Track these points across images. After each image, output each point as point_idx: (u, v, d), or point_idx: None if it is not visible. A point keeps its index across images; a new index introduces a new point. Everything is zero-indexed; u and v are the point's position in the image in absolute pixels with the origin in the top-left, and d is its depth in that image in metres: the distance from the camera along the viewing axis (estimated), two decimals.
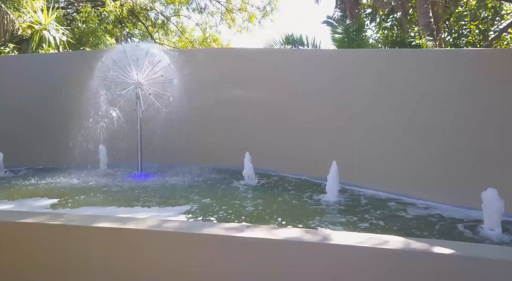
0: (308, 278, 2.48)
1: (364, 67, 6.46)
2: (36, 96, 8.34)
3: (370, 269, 2.38)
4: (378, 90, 6.16)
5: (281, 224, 4.31)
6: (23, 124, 8.28)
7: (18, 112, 8.24)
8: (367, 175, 6.10)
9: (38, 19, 11.54)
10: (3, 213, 3.28)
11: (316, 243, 2.50)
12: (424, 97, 5.59)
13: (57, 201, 5.26)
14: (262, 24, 21.51)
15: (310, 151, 7.04)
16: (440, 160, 5.33)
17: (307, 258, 2.53)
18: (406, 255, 2.31)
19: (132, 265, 2.81)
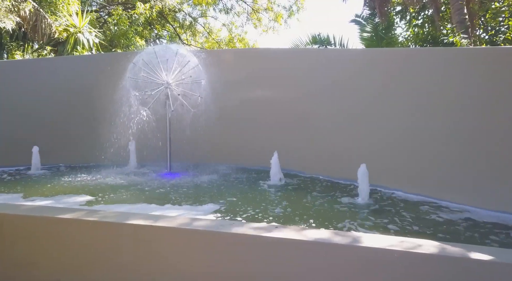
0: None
1: (393, 67, 6.31)
2: (71, 96, 8.69)
3: (402, 273, 2.33)
4: (409, 90, 6.00)
5: (309, 225, 4.29)
6: (59, 123, 8.64)
7: (54, 112, 8.61)
8: (398, 176, 5.96)
9: (73, 22, 12.01)
10: (42, 208, 3.44)
11: (346, 245, 2.47)
12: (458, 97, 5.39)
13: (91, 198, 5.46)
14: (288, 23, 21.47)
15: (338, 152, 6.95)
16: (474, 162, 5.13)
17: (336, 260, 2.51)
18: (441, 260, 2.25)
19: (162, 262, 2.88)
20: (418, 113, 5.83)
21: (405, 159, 5.94)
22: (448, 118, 5.45)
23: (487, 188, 4.96)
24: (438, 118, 5.58)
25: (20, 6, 10.53)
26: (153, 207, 4.94)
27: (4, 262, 3.12)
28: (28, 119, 8.46)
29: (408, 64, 6.13)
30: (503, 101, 4.96)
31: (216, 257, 2.79)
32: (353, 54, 7.82)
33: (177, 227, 2.86)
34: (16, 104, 8.46)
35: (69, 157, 8.57)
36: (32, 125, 8.46)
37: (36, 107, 8.54)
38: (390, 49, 8.76)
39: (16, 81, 8.58)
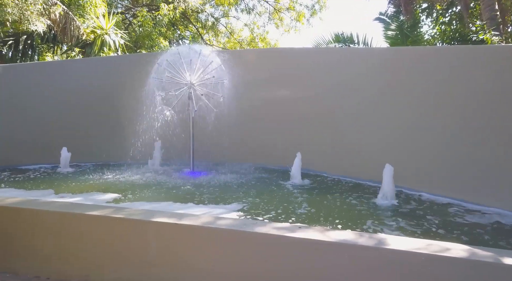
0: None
1: (420, 66, 6.16)
2: (99, 97, 8.94)
3: (429, 277, 2.28)
4: (436, 89, 5.84)
5: (333, 225, 4.26)
6: (87, 123, 8.91)
7: (82, 112, 8.88)
8: (424, 177, 5.82)
9: (100, 24, 12.35)
10: (72, 205, 3.57)
11: (370, 247, 2.45)
12: (489, 96, 5.21)
13: (117, 196, 5.61)
14: (310, 23, 21.31)
15: (361, 152, 6.85)
16: (504, 163, 4.94)
17: (360, 261, 2.48)
18: (470, 264, 2.18)
19: (185, 260, 2.94)
20: (446, 113, 5.67)
21: (431, 159, 5.79)
22: (479, 118, 5.27)
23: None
24: (467, 118, 5.41)
25: (50, 9, 10.93)
26: (177, 206, 5.03)
27: (37, 256, 3.26)
28: (58, 119, 8.77)
29: (435, 63, 5.96)
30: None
31: (238, 256, 2.81)
32: (378, 53, 7.68)
33: (200, 226, 2.90)
34: (46, 104, 8.78)
35: (95, 155, 8.83)
36: (62, 124, 8.75)
37: (65, 108, 8.84)
38: (416, 48, 8.55)
39: (47, 82, 8.91)
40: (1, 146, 8.30)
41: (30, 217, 3.33)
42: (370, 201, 5.34)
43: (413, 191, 5.82)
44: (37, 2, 9.91)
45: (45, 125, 8.70)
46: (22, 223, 3.37)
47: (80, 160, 8.60)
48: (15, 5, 9.68)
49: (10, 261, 3.30)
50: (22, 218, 3.36)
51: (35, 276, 3.11)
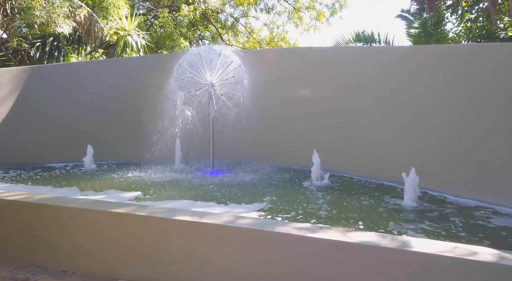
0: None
1: (443, 64, 6.00)
2: (121, 96, 9.14)
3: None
4: (461, 88, 5.68)
5: (354, 226, 4.21)
6: (109, 122, 9.12)
7: (106, 111, 9.10)
8: (449, 179, 5.67)
9: (123, 25, 12.61)
10: (97, 202, 3.66)
11: (394, 249, 2.41)
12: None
13: (139, 194, 5.72)
14: (330, 22, 21.10)
15: (382, 153, 6.74)
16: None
17: (383, 264, 2.44)
18: (499, 269, 2.12)
19: (208, 257, 2.96)
20: (472, 113, 5.50)
21: (456, 160, 5.64)
22: (506, 118, 5.10)
23: None
24: (494, 118, 5.24)
25: (76, 12, 11.24)
26: (198, 204, 5.08)
27: (63, 251, 3.36)
28: (82, 118, 9.01)
29: (460, 62, 5.80)
30: None
31: (259, 256, 2.82)
32: (399, 52, 7.53)
33: (222, 224, 2.92)
34: (71, 104, 9.04)
35: (118, 154, 9.03)
36: (86, 124, 8.99)
37: (89, 107, 9.07)
38: (440, 46, 8.34)
39: (72, 83, 9.16)
40: (30, 144, 8.60)
41: (57, 213, 3.44)
42: (392, 202, 5.24)
43: (437, 192, 5.68)
44: (63, 5, 10.21)
45: (70, 124, 8.95)
46: (49, 219, 3.48)
47: (103, 158, 8.81)
48: (42, 8, 10.01)
49: (38, 255, 3.42)
50: (49, 215, 3.47)
51: (61, 271, 3.21)
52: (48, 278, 3.08)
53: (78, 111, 9.04)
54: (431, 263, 2.30)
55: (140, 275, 3.07)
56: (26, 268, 3.27)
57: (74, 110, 9.03)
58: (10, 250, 3.54)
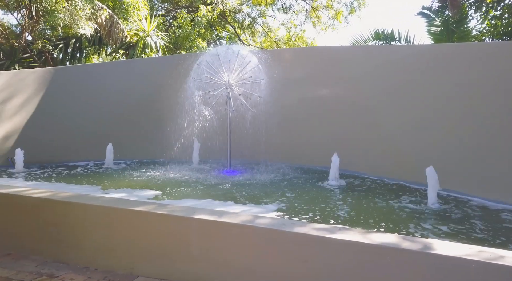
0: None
1: (466, 63, 5.85)
2: (141, 97, 9.30)
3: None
4: (484, 88, 5.53)
5: (374, 228, 4.15)
6: (129, 122, 9.29)
7: (125, 111, 9.27)
8: (471, 180, 5.53)
9: (143, 27, 12.82)
10: (118, 201, 3.72)
11: (416, 252, 2.36)
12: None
13: (158, 192, 5.81)
14: (348, 21, 20.87)
15: (404, 153, 6.63)
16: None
17: (405, 267, 2.40)
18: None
19: (227, 256, 2.98)
20: (494, 113, 5.35)
21: (479, 162, 5.49)
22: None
23: None
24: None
25: (97, 14, 11.50)
26: (217, 203, 5.12)
27: (86, 248, 3.44)
28: (102, 118, 9.21)
29: (484, 60, 5.64)
30: None
31: (277, 256, 2.82)
32: (420, 50, 7.38)
33: (240, 224, 2.93)
34: (94, 104, 9.25)
35: (138, 153, 9.19)
36: (107, 123, 9.19)
37: (110, 107, 9.27)
38: (462, 44, 8.12)
39: (93, 83, 9.38)
40: (54, 143, 8.84)
41: (80, 211, 3.52)
42: (413, 204, 5.15)
43: (459, 193, 5.55)
44: (85, 7, 10.47)
45: (91, 124, 9.16)
46: (73, 216, 3.57)
47: (123, 157, 8.98)
48: (66, 11, 10.29)
49: (62, 252, 3.51)
50: (73, 212, 3.56)
51: (84, 267, 3.28)
52: (72, 273, 3.16)
53: (100, 110, 9.25)
54: (454, 267, 2.25)
55: (160, 273, 3.11)
56: (51, 263, 3.37)
57: (95, 109, 9.24)
58: (36, 245, 3.65)
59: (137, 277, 3.09)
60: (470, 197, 5.41)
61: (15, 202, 3.80)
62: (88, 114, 9.19)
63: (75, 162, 8.88)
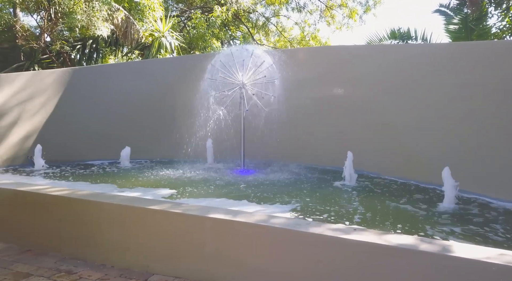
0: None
1: (484, 61, 5.71)
2: (156, 96, 9.40)
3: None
4: (504, 85, 5.38)
5: (390, 229, 4.10)
6: (144, 121, 9.40)
7: (142, 110, 9.39)
8: (488, 181, 5.40)
9: (158, 27, 12.96)
10: (134, 199, 3.78)
11: (434, 254, 2.31)
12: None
13: (173, 191, 5.86)
14: (363, 19, 20.66)
15: (418, 153, 6.52)
16: None
17: (422, 269, 2.36)
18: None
19: (241, 256, 2.98)
20: (509, 111, 5.21)
21: (498, 161, 5.35)
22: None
23: None
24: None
25: (114, 15, 11.69)
26: (231, 203, 5.13)
27: (103, 245, 3.50)
28: (118, 118, 9.35)
29: (502, 58, 5.50)
30: None
31: (292, 256, 2.81)
32: (435, 49, 7.25)
33: (255, 223, 2.93)
34: (109, 104, 9.40)
35: (152, 152, 9.29)
36: (122, 123, 9.32)
37: (125, 107, 9.40)
38: (479, 43, 7.93)
39: (109, 83, 9.53)
40: (72, 142, 9.02)
41: (96, 209, 3.58)
42: (428, 205, 5.06)
43: (477, 195, 5.42)
44: (102, 8, 10.65)
45: (107, 123, 9.31)
46: (90, 214, 3.63)
47: (138, 156, 9.10)
48: (83, 12, 10.49)
49: (80, 249, 3.57)
50: (90, 210, 3.62)
51: (101, 264, 3.34)
52: (89, 270, 3.22)
53: (116, 110, 9.39)
54: (473, 270, 2.20)
55: (175, 271, 3.14)
56: (69, 260, 3.43)
57: (112, 110, 9.39)
58: (54, 242, 3.73)
59: (152, 275, 3.13)
60: (488, 198, 5.28)
61: (35, 199, 3.90)
62: (104, 114, 9.34)
63: (91, 161, 9.04)
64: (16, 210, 4.03)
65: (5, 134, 8.41)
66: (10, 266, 3.31)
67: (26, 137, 8.68)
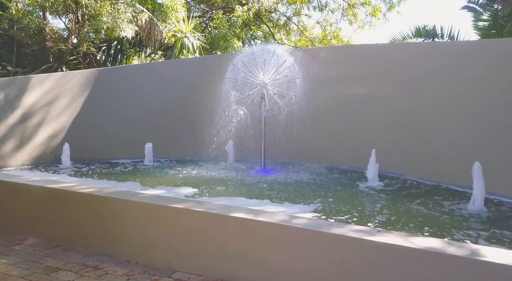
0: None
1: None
2: (178, 96, 9.53)
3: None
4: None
5: (414, 231, 4.00)
6: (167, 121, 9.55)
7: (165, 110, 9.54)
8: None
9: (180, 28, 13.13)
10: (157, 197, 3.84)
11: (461, 257, 2.25)
12: None
13: (195, 190, 5.93)
14: (387, 17, 20.21)
15: (442, 154, 6.34)
16: None
17: (449, 273, 2.29)
18: None
19: (263, 255, 2.98)
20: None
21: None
22: None
23: None
24: None
25: (138, 17, 11.93)
26: (252, 202, 5.14)
27: (128, 242, 3.58)
28: (141, 117, 9.53)
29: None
30: None
31: (314, 256, 2.79)
32: (463, 46, 7.02)
33: (277, 223, 2.93)
34: (134, 104, 9.59)
35: (174, 151, 9.43)
36: (145, 122, 9.49)
37: (149, 107, 9.57)
38: (507, 40, 7.59)
39: (134, 84, 9.73)
40: (97, 141, 9.26)
41: (121, 207, 3.67)
42: (456, 207, 4.91)
43: (507, 197, 5.21)
44: (127, 10, 10.89)
45: (131, 123, 9.50)
46: (115, 212, 3.72)
47: (161, 155, 9.25)
48: (109, 14, 10.76)
49: (105, 245, 3.67)
50: (115, 207, 3.71)
51: (126, 260, 3.42)
52: (114, 266, 3.30)
53: (139, 110, 9.57)
54: (503, 275, 2.12)
55: (197, 269, 3.17)
56: (95, 256, 3.53)
57: (135, 109, 9.58)
58: (82, 238, 3.84)
59: (176, 272, 3.17)
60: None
61: (63, 196, 4.03)
62: (128, 114, 9.54)
63: (116, 160, 9.25)
64: (46, 206, 4.18)
65: (34, 133, 8.73)
66: (40, 260, 3.44)
67: (53, 136, 8.98)
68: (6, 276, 3.12)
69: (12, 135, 8.40)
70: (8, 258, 3.50)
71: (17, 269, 3.24)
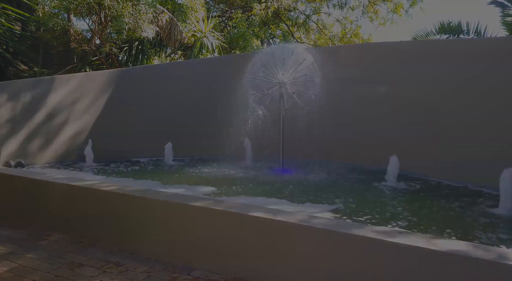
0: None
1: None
2: (197, 96, 9.61)
3: None
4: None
5: (438, 234, 3.90)
6: (187, 120, 9.64)
7: (183, 110, 9.64)
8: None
9: (200, 28, 13.23)
10: (178, 196, 3.88)
11: (488, 261, 2.17)
12: None
13: (214, 189, 5.97)
14: (409, 14, 19.74)
15: (467, 154, 6.15)
16: None
17: (475, 277, 2.22)
18: None
19: (282, 255, 2.97)
20: None
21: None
22: None
23: None
24: None
25: (158, 17, 12.10)
26: (271, 201, 5.12)
27: (148, 239, 3.64)
28: (162, 117, 9.65)
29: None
30: None
31: (333, 257, 2.76)
32: (491, 43, 6.78)
33: (296, 223, 2.91)
34: (154, 103, 9.74)
35: (194, 150, 9.51)
36: (166, 122, 9.61)
37: (169, 106, 9.69)
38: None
39: (154, 84, 9.87)
40: (119, 141, 9.44)
41: (142, 204, 3.73)
42: (481, 209, 4.75)
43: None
44: (148, 11, 11.06)
45: (152, 122, 9.64)
46: (136, 209, 3.79)
47: (181, 154, 9.34)
48: (130, 15, 10.96)
49: (127, 242, 3.74)
50: (136, 205, 3.78)
51: (146, 258, 3.47)
52: (135, 263, 3.36)
53: (160, 109, 9.71)
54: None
55: (216, 267, 3.19)
56: (117, 252, 3.60)
57: (156, 109, 9.72)
58: (104, 234, 3.93)
59: (195, 270, 3.20)
60: None
61: (87, 194, 4.13)
62: (149, 113, 9.69)
63: (137, 158, 9.40)
64: (70, 203, 4.30)
65: (59, 131, 8.98)
66: (64, 256, 3.54)
67: (77, 134, 9.21)
68: (33, 270, 3.23)
69: (38, 135, 8.66)
70: (35, 253, 3.61)
71: (43, 264, 3.35)
